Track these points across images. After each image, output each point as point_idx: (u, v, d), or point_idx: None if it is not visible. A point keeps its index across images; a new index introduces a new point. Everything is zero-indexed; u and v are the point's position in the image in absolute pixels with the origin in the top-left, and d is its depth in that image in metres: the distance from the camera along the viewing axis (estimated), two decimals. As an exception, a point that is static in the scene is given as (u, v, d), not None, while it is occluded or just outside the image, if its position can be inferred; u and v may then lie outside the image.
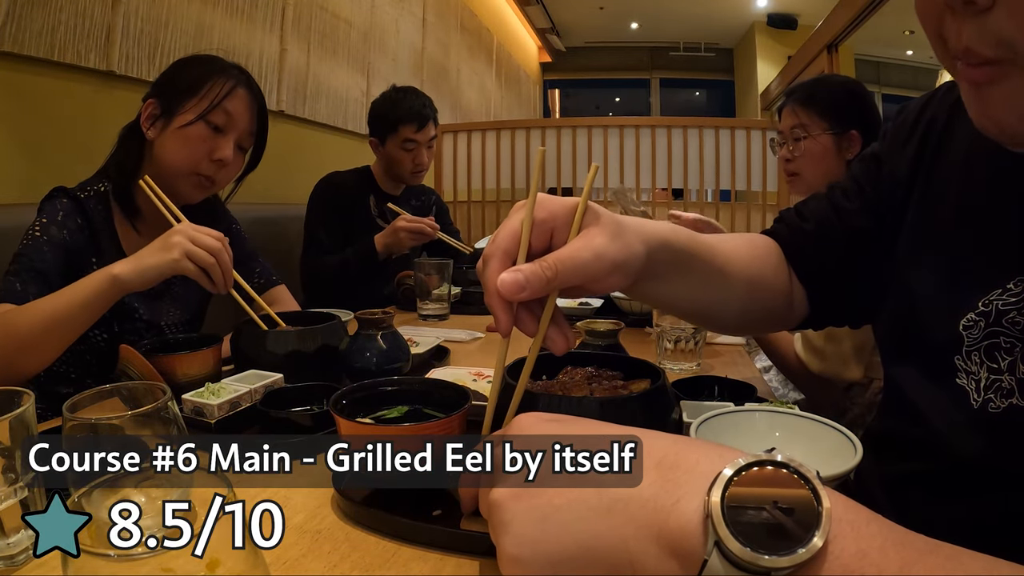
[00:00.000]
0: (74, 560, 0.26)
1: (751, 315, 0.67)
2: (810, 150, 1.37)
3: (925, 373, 0.56)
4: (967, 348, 0.51)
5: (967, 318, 0.52)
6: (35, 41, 1.33)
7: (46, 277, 0.94)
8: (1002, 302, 0.50)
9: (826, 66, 4.10)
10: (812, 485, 0.29)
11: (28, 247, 0.96)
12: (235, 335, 0.91)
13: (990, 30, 0.38)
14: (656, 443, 0.34)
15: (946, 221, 0.57)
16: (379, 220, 1.82)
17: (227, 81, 1.07)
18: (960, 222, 0.56)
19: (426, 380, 0.66)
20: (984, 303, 0.51)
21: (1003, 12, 0.37)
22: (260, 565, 0.30)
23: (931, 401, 0.54)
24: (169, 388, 0.51)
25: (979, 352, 0.51)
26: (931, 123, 0.61)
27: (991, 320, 0.50)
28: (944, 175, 0.59)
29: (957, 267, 0.55)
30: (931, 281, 0.57)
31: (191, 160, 1.05)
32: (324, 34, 2.57)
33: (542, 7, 6.71)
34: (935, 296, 0.56)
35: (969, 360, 0.51)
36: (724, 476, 0.29)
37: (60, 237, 0.98)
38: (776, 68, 6.66)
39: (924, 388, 0.55)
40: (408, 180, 1.87)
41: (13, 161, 1.34)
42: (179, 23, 1.74)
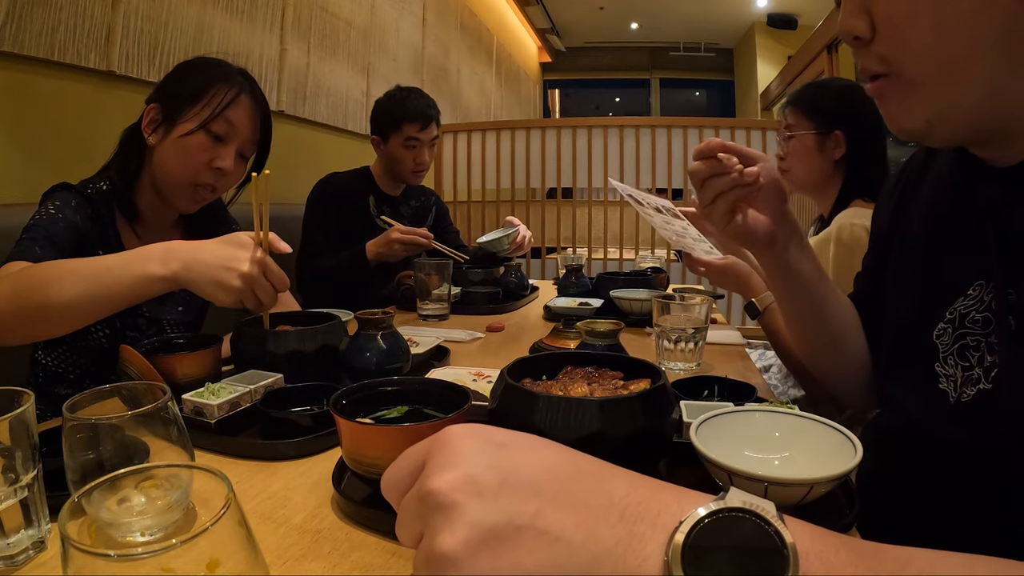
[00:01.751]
0: (74, 560, 0.26)
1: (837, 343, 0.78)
2: (796, 149, 1.45)
3: (912, 384, 0.62)
4: (943, 354, 0.58)
5: (938, 328, 0.59)
6: (35, 41, 1.33)
7: (61, 249, 0.92)
8: (963, 307, 0.56)
9: (826, 66, 4.10)
10: (774, 528, 0.27)
11: (43, 220, 0.94)
12: (235, 335, 0.91)
13: (874, 54, 0.54)
14: (616, 487, 0.30)
15: (915, 249, 0.67)
16: (378, 220, 1.82)
17: (230, 89, 1.05)
18: (927, 245, 0.64)
19: (426, 380, 0.66)
20: (950, 312, 0.58)
21: (881, 40, 0.53)
22: (260, 565, 0.30)
23: (919, 406, 0.61)
24: (169, 388, 0.51)
25: (953, 355, 0.57)
26: (911, 172, 0.72)
27: (957, 325, 0.57)
28: (915, 209, 0.69)
29: (926, 286, 0.63)
30: (907, 302, 0.66)
31: (191, 169, 1.04)
32: (324, 34, 2.57)
33: (542, 7, 6.71)
34: (910, 315, 0.64)
35: (946, 365, 0.58)
36: (678, 539, 0.27)
37: (75, 221, 0.97)
38: (776, 68, 6.66)
39: (915, 397, 0.62)
40: (408, 179, 1.87)
41: (13, 161, 1.34)
42: (179, 23, 1.74)
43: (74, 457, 0.46)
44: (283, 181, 1.82)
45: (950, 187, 0.63)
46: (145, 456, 0.48)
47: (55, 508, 0.48)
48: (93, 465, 0.46)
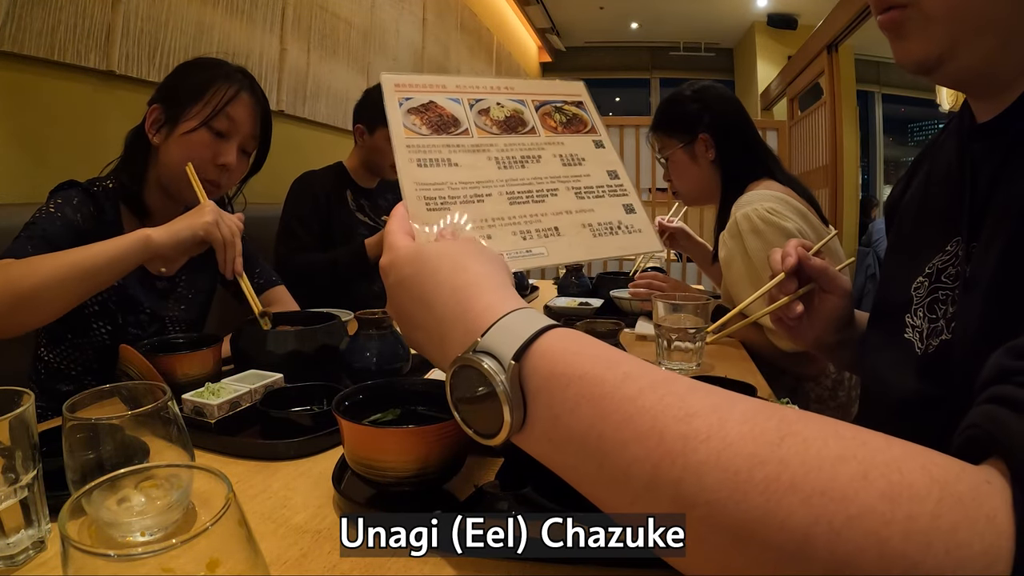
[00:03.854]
0: (74, 560, 0.26)
1: None
2: (674, 168, 1.51)
3: (882, 335, 0.65)
4: (915, 306, 0.60)
5: (916, 282, 0.61)
6: (35, 41, 1.33)
7: (56, 247, 0.93)
8: (941, 262, 0.58)
9: (826, 66, 4.11)
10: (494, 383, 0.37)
11: (41, 219, 0.97)
12: (235, 335, 0.91)
13: None
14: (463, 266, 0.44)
15: (910, 210, 0.68)
16: (358, 214, 1.82)
17: (230, 86, 1.07)
18: (919, 207, 0.66)
19: (428, 381, 0.67)
20: (929, 267, 0.59)
21: None
22: (260, 565, 0.30)
23: (884, 358, 0.63)
24: (169, 388, 0.51)
25: (923, 308, 0.59)
26: (924, 154, 0.74)
27: (933, 279, 0.59)
28: (917, 178, 0.70)
29: (915, 244, 0.64)
30: (896, 261, 0.68)
31: (195, 166, 1.05)
32: (324, 34, 2.57)
33: (542, 7, 6.71)
34: (897, 271, 0.66)
35: (915, 316, 0.60)
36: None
37: (74, 219, 0.99)
38: (776, 68, 6.66)
39: (881, 348, 0.64)
40: (387, 173, 1.87)
41: (13, 161, 1.34)
42: (179, 23, 1.74)
43: (74, 457, 0.46)
44: (283, 181, 1.82)
45: (950, 150, 0.64)
46: (145, 456, 0.48)
47: (55, 508, 0.48)
48: (93, 465, 0.46)
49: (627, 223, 0.50)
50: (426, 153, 0.50)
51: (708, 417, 0.30)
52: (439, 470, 0.53)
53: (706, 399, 0.31)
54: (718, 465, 0.28)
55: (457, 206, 0.47)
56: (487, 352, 0.38)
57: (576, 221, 0.49)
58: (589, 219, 0.49)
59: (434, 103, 0.50)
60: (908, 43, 0.54)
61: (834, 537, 0.25)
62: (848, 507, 0.25)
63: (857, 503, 0.25)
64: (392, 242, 0.49)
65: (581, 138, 0.54)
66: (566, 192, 0.50)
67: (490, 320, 0.39)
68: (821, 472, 0.26)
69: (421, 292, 0.44)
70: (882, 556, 0.24)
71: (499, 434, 0.37)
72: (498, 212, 0.47)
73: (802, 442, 0.28)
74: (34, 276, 0.83)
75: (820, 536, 0.25)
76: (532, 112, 0.54)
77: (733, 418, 0.30)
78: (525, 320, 0.38)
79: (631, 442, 0.30)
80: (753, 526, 0.27)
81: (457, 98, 0.51)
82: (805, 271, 0.75)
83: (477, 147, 0.50)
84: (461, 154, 0.49)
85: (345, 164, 1.90)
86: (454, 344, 0.41)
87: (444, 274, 0.44)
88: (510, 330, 0.38)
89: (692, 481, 0.28)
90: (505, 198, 0.48)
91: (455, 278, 0.43)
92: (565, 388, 0.34)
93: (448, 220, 0.48)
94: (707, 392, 0.32)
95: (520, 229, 0.47)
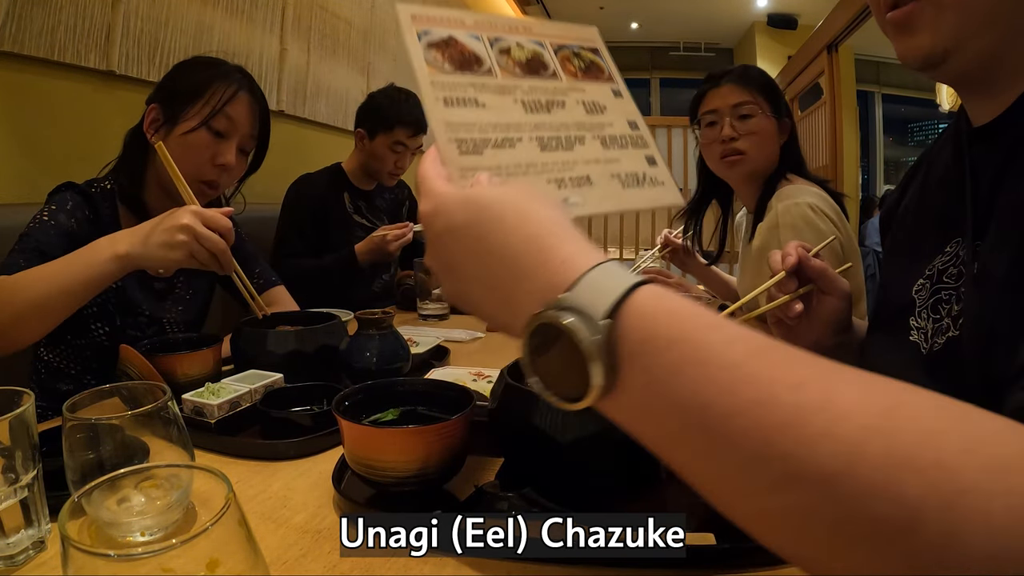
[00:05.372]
0: (74, 560, 0.26)
1: None
2: (754, 129, 1.34)
3: (886, 339, 0.65)
4: (918, 308, 0.60)
5: (917, 284, 0.61)
6: (35, 41, 1.33)
7: (50, 258, 0.92)
8: (942, 263, 0.58)
9: (826, 66, 4.11)
10: (583, 345, 0.33)
11: (35, 229, 0.96)
12: (235, 335, 0.91)
13: None
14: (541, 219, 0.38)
15: (907, 216, 0.69)
16: (355, 216, 1.82)
17: (229, 86, 1.07)
18: (917, 212, 0.67)
19: (429, 381, 0.67)
20: (929, 268, 0.60)
21: None
22: (260, 565, 0.30)
23: (889, 362, 0.63)
24: (169, 388, 0.51)
25: (927, 309, 0.59)
26: (921, 160, 0.74)
27: (935, 280, 0.59)
28: (912, 186, 0.71)
29: (915, 247, 0.65)
30: (896, 265, 0.68)
31: (194, 166, 1.05)
32: (324, 34, 2.57)
33: (542, 7, 6.71)
34: (896, 275, 0.66)
35: (919, 318, 0.60)
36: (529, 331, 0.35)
37: (68, 225, 0.98)
38: (776, 68, 6.65)
39: (886, 352, 0.64)
40: (384, 179, 1.87)
41: (13, 161, 1.34)
42: (179, 23, 1.74)
43: (74, 457, 0.46)
44: (283, 181, 1.82)
45: (947, 154, 0.65)
46: (145, 456, 0.48)
47: (55, 508, 0.48)
48: (93, 465, 0.46)
49: (651, 175, 0.48)
50: (452, 91, 0.45)
51: (819, 385, 0.29)
52: (439, 470, 0.53)
53: (814, 367, 0.30)
54: (832, 436, 0.27)
55: (489, 150, 0.44)
56: (574, 309, 0.34)
57: (606, 171, 0.46)
58: (616, 169, 0.47)
59: (454, 38, 0.47)
60: (916, 37, 0.54)
61: (946, 511, 0.25)
62: (958, 480, 0.25)
63: (966, 477, 0.25)
64: (433, 188, 0.43)
65: (601, 85, 0.51)
66: (592, 140, 0.48)
67: (574, 273, 0.35)
68: (931, 445, 0.26)
69: (481, 242, 0.39)
70: (989, 530, 0.24)
71: (585, 398, 0.34)
72: (530, 158, 0.44)
73: (912, 413, 0.28)
74: (17, 300, 0.83)
75: (932, 510, 0.25)
76: (552, 55, 0.51)
77: (843, 388, 0.29)
78: (614, 274, 0.35)
79: (739, 412, 0.29)
80: (866, 500, 0.26)
81: (477, 35, 0.48)
82: (805, 272, 0.75)
83: (502, 88, 0.46)
84: (488, 95, 0.45)
85: (343, 166, 1.90)
86: (529, 300, 0.36)
87: (510, 222, 0.39)
88: (599, 285, 0.34)
89: (804, 455, 0.27)
90: (535, 143, 0.45)
91: (526, 227, 0.38)
92: (665, 351, 0.31)
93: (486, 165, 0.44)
94: (812, 360, 0.30)
95: (554, 177, 0.44)
